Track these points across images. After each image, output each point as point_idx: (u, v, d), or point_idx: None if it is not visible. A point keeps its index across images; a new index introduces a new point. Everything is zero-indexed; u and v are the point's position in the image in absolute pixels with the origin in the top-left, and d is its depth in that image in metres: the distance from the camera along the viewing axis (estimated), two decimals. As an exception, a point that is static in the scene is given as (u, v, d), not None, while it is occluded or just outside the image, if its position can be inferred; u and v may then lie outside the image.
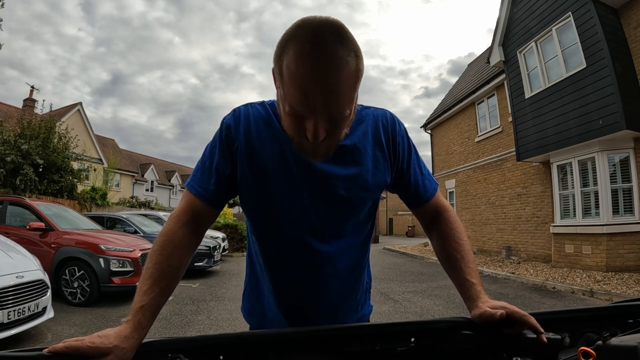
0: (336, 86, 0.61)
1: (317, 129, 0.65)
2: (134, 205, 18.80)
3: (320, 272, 0.83)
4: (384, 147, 0.83)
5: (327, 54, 0.59)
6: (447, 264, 0.85)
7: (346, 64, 0.61)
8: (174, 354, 0.60)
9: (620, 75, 6.83)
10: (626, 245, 7.02)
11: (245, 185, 0.80)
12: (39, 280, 3.47)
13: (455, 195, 13.93)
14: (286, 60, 0.62)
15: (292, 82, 0.62)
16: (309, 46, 0.59)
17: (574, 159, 7.99)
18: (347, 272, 0.88)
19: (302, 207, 0.80)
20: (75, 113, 20.86)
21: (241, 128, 0.79)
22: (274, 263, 0.86)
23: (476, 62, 15.87)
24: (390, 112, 0.86)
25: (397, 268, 9.77)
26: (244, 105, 0.83)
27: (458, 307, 5.09)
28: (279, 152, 0.78)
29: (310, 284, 0.84)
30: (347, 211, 0.82)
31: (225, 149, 0.80)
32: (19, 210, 5.80)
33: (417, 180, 0.88)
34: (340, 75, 0.61)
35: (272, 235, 0.83)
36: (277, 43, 0.64)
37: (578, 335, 0.71)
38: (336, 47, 0.60)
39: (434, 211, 0.92)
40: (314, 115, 0.64)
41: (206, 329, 4.16)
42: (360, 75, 0.65)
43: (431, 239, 0.93)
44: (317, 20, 0.61)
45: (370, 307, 1.02)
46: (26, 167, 10.61)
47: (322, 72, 0.60)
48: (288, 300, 0.87)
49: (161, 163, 35.82)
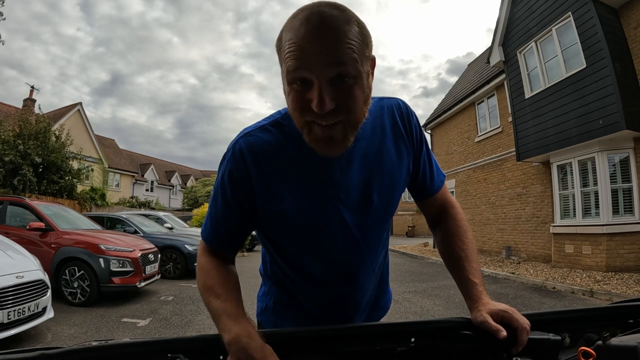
0: (334, 37, 0.58)
1: (322, 95, 0.59)
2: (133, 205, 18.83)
3: (357, 275, 0.81)
4: (404, 136, 0.80)
5: (325, 15, 0.58)
6: (450, 261, 0.84)
7: (345, 22, 0.59)
8: (173, 354, 0.60)
9: (620, 75, 6.83)
10: (626, 245, 7.02)
11: (274, 222, 0.76)
12: (39, 280, 3.47)
13: (455, 195, 13.92)
14: (284, 34, 0.61)
15: (289, 45, 0.59)
16: (306, 13, 0.59)
17: (574, 159, 7.99)
18: (378, 265, 0.88)
19: (341, 225, 0.76)
20: (75, 113, 20.87)
21: (250, 163, 0.72)
22: (310, 278, 0.82)
23: (476, 62, 15.86)
24: (403, 101, 0.83)
25: (397, 268, 9.77)
26: (242, 137, 0.74)
27: (458, 307, 5.09)
28: (300, 171, 0.73)
29: (349, 286, 0.82)
30: (383, 214, 0.80)
31: (230, 197, 0.74)
32: (19, 210, 5.80)
33: (426, 171, 0.86)
34: (339, 29, 0.58)
35: (310, 259, 0.79)
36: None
37: (578, 335, 0.71)
38: (333, 12, 0.59)
39: (441, 206, 0.91)
40: (313, 73, 0.58)
41: (206, 329, 4.16)
42: (367, 40, 0.62)
43: (435, 235, 0.92)
44: (317, 1, 0.61)
45: (390, 292, 1.02)
46: (25, 167, 10.60)
47: (319, 25, 0.58)
48: (326, 302, 0.85)
49: (161, 163, 35.81)
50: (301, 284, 0.84)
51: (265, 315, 0.93)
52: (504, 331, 0.65)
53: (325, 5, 0.60)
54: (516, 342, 0.65)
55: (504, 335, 0.64)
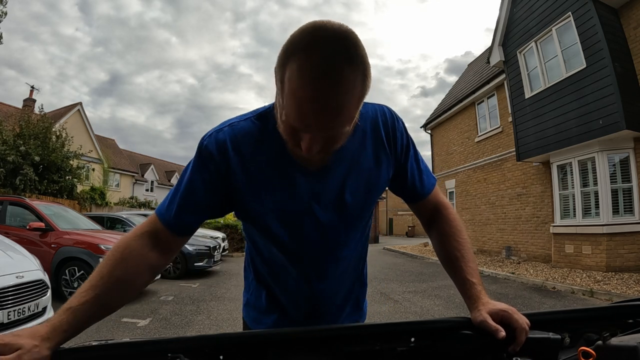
0: (337, 108, 0.58)
1: (312, 144, 0.62)
2: (133, 205, 18.81)
3: (332, 274, 0.84)
4: (385, 144, 0.81)
5: (331, 76, 0.55)
6: (447, 262, 0.85)
7: (352, 87, 0.58)
8: (173, 354, 0.60)
9: (620, 75, 6.83)
10: (626, 245, 7.02)
11: (248, 209, 0.77)
12: (39, 280, 3.46)
13: (455, 195, 13.93)
14: (288, 72, 0.58)
15: (292, 98, 0.58)
16: (314, 64, 0.55)
17: (574, 159, 7.99)
18: (353, 264, 0.89)
19: (315, 223, 0.78)
20: (75, 113, 20.87)
21: (231, 153, 0.73)
22: (282, 275, 0.85)
23: (476, 62, 15.87)
24: (388, 107, 0.85)
25: (397, 268, 9.77)
26: (227, 126, 0.76)
27: (458, 307, 5.09)
28: (278, 168, 0.75)
29: (323, 285, 0.85)
30: (357, 215, 0.82)
31: (204, 177, 0.74)
32: (19, 210, 5.79)
33: (415, 175, 0.87)
34: (343, 98, 0.58)
35: (286, 251, 0.81)
36: (283, 46, 0.60)
37: (578, 335, 0.71)
38: (343, 68, 0.56)
39: (433, 208, 0.91)
40: (310, 132, 0.61)
41: (206, 329, 4.16)
42: (365, 93, 0.61)
43: (431, 237, 0.92)
44: (328, 31, 0.56)
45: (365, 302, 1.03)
46: (26, 167, 10.61)
47: (324, 94, 0.56)
48: (300, 300, 0.87)
49: (161, 163, 35.80)
50: (276, 279, 0.86)
51: (247, 309, 0.96)
52: (503, 331, 0.65)
53: (337, 53, 0.55)
54: (514, 341, 0.65)
55: (503, 335, 0.64)
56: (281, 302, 0.88)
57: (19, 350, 0.55)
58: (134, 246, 0.72)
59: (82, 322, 0.63)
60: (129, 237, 0.74)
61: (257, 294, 0.92)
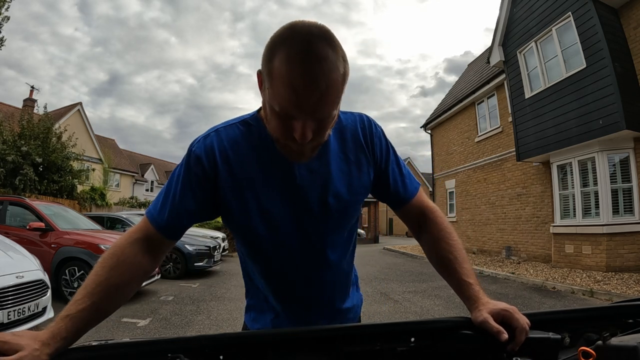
0: (326, 88, 0.63)
1: (305, 130, 0.66)
2: (133, 205, 18.79)
3: (316, 276, 0.85)
4: (365, 148, 0.84)
5: (319, 58, 0.61)
6: (440, 266, 0.85)
7: (336, 68, 0.63)
8: (173, 354, 0.60)
9: (620, 75, 6.83)
10: (626, 245, 7.02)
11: (232, 211, 0.79)
12: (39, 280, 3.46)
13: (455, 195, 13.93)
14: (277, 62, 0.63)
15: (284, 83, 0.62)
16: (301, 50, 0.61)
17: (574, 159, 7.99)
18: (338, 268, 0.89)
19: (296, 222, 0.80)
20: (75, 113, 20.88)
21: (218, 158, 0.77)
22: (273, 277, 0.86)
23: (476, 62, 15.87)
24: (367, 115, 0.88)
25: (397, 268, 9.77)
26: (214, 131, 0.80)
27: (458, 307, 5.08)
28: (263, 171, 0.78)
29: (309, 287, 0.86)
30: (340, 217, 0.83)
31: (193, 181, 0.76)
32: (19, 210, 5.79)
33: (397, 179, 0.88)
34: (330, 77, 0.63)
35: (271, 253, 0.83)
36: (266, 45, 0.66)
37: (578, 335, 0.71)
38: (327, 51, 0.62)
39: (420, 212, 0.91)
40: (303, 115, 0.65)
41: (206, 329, 4.16)
42: (346, 78, 0.67)
43: (421, 243, 0.92)
44: (307, 25, 0.63)
45: (360, 296, 1.03)
46: (26, 167, 10.61)
47: (314, 75, 0.61)
48: (289, 301, 0.88)
49: (161, 163, 35.82)
50: (264, 282, 0.87)
51: (247, 313, 0.97)
52: (506, 333, 0.65)
53: (320, 40, 0.62)
54: (513, 341, 0.65)
55: (505, 337, 0.64)
56: (272, 304, 0.89)
57: (21, 351, 0.56)
58: (128, 252, 0.74)
59: (80, 328, 0.64)
60: (122, 242, 0.75)
61: (251, 295, 0.95)
